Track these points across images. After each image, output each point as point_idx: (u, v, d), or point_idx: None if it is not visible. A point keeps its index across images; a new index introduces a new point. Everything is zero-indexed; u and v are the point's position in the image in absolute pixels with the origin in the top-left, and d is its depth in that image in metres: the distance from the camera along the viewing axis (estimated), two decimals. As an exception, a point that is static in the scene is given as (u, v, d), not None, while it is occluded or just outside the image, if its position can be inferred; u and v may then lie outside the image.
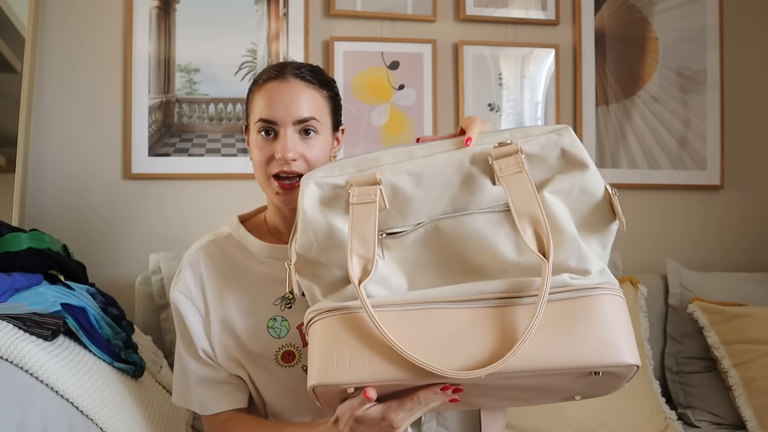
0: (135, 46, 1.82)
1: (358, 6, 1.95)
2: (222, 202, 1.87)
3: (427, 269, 0.82)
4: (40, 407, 0.92)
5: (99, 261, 1.79)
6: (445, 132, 1.99)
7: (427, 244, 0.82)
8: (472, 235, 0.80)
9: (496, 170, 0.80)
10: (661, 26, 2.12)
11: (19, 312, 1.06)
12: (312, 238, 0.82)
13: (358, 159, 0.86)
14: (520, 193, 0.78)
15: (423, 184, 0.82)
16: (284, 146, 0.96)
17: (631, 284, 1.81)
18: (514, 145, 0.81)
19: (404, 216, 0.83)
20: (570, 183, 0.81)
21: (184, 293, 1.03)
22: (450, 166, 0.83)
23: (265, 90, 0.99)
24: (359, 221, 0.80)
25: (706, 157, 2.13)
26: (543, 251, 0.76)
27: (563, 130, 0.84)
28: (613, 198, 0.82)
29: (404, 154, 0.84)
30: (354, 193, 0.82)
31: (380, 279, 0.80)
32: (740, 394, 1.64)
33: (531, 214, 0.78)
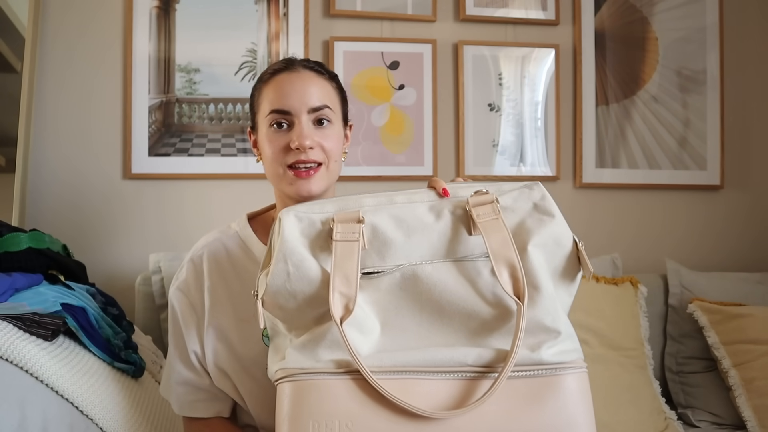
0: (135, 46, 1.82)
1: (358, 6, 1.95)
2: (222, 202, 1.87)
3: (401, 313, 0.81)
4: (40, 407, 0.92)
5: (99, 261, 1.79)
6: (445, 132, 2.00)
7: (402, 288, 0.81)
8: (450, 282, 0.80)
9: (473, 216, 0.82)
10: (661, 26, 2.12)
11: (19, 312, 1.06)
12: (288, 269, 0.80)
13: (339, 200, 0.87)
14: (496, 238, 0.81)
15: (404, 227, 0.83)
16: (301, 134, 0.95)
17: (631, 284, 1.81)
18: (491, 195, 0.85)
19: (382, 257, 0.82)
20: (545, 236, 0.84)
21: (183, 291, 1.02)
22: (430, 213, 0.84)
23: (274, 82, 0.98)
24: (342, 258, 0.79)
25: (706, 157, 2.13)
26: (518, 295, 0.78)
27: (534, 185, 0.89)
28: (580, 249, 0.85)
29: (385, 199, 0.86)
30: (337, 230, 0.81)
31: (354, 321, 0.79)
32: (740, 394, 1.64)
33: (507, 258, 0.80)
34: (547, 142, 2.05)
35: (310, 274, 0.80)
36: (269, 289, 0.81)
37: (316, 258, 0.81)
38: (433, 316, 0.81)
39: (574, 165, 2.08)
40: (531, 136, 2.04)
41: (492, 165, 2.02)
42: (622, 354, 1.69)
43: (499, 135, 2.02)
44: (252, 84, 1.87)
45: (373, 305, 0.81)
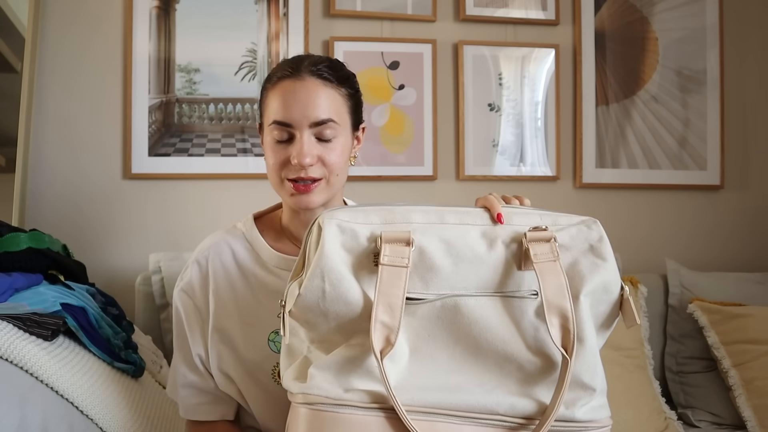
0: (135, 46, 1.82)
1: (358, 6, 1.95)
2: (222, 202, 1.87)
3: (433, 343, 0.76)
4: (40, 407, 0.92)
5: (99, 261, 1.79)
6: (445, 132, 2.00)
7: (440, 318, 0.76)
8: (492, 320, 0.75)
9: (531, 254, 0.76)
10: (661, 26, 2.12)
11: (19, 312, 1.06)
12: (324, 287, 0.74)
13: (384, 210, 0.79)
14: (552, 284, 0.75)
15: (453, 254, 0.76)
16: (300, 151, 0.91)
17: (631, 284, 1.81)
18: (550, 232, 0.78)
19: (426, 284, 0.76)
20: (596, 282, 0.79)
21: (188, 293, 1.00)
22: (482, 241, 0.78)
23: (279, 89, 0.94)
24: (388, 285, 0.73)
25: (706, 157, 2.13)
26: (566, 347, 0.74)
27: (593, 224, 0.82)
28: (626, 296, 0.80)
29: (434, 216, 0.79)
30: (385, 252, 0.74)
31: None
32: (740, 394, 1.64)
33: (560, 307, 0.75)
34: (547, 142, 2.05)
35: (348, 296, 0.74)
36: (299, 303, 0.75)
37: (357, 278, 0.75)
38: (467, 351, 0.76)
39: (574, 165, 2.08)
40: (531, 136, 2.04)
41: (492, 165, 2.02)
42: (622, 354, 1.69)
43: (499, 135, 2.02)
44: (252, 84, 1.88)
45: (405, 329, 0.75)
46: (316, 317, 0.75)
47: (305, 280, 0.75)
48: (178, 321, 1.01)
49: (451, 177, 2.00)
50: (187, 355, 1.01)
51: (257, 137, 1.89)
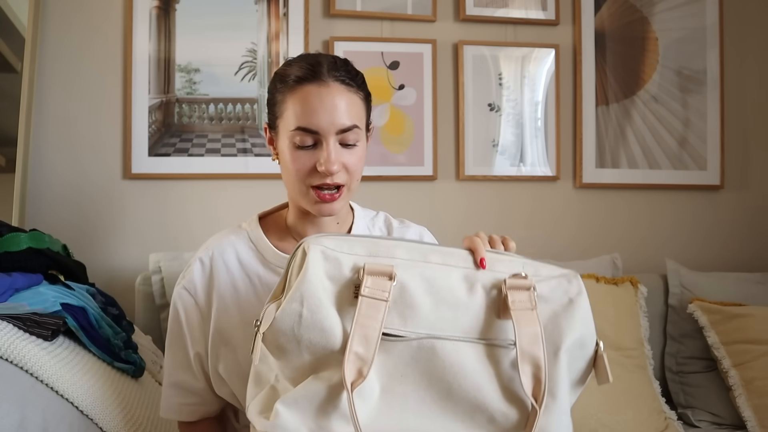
0: (135, 46, 1.82)
1: (358, 6, 1.95)
2: (222, 202, 1.87)
3: (405, 384, 0.75)
4: (40, 407, 0.92)
5: (99, 261, 1.79)
6: (445, 132, 2.00)
7: (415, 359, 0.75)
8: (467, 367, 0.74)
9: (509, 302, 0.76)
10: (661, 26, 2.12)
11: (19, 312, 1.06)
12: (302, 312, 0.73)
13: (369, 242, 0.80)
14: (528, 333, 0.75)
15: (433, 293, 0.76)
16: (328, 158, 0.90)
17: (631, 284, 1.81)
18: (530, 281, 0.78)
19: (404, 321, 0.75)
20: (575, 338, 0.79)
21: (190, 291, 0.99)
22: (463, 285, 0.78)
23: (302, 94, 0.91)
24: (366, 317, 0.72)
25: (706, 157, 2.13)
26: (536, 397, 0.74)
27: (573, 278, 0.83)
28: (601, 353, 0.81)
29: (418, 254, 0.79)
30: (367, 283, 0.74)
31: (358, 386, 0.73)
32: (740, 394, 1.64)
33: (534, 356, 0.75)
34: (547, 142, 2.05)
35: (325, 324, 0.73)
36: (274, 326, 0.74)
37: (336, 308, 0.75)
38: (439, 396, 0.75)
39: (574, 165, 2.08)
40: (531, 136, 2.04)
41: (492, 165, 2.02)
42: (622, 354, 1.69)
43: (499, 135, 2.02)
44: (252, 84, 1.88)
45: (378, 367, 0.74)
46: (288, 342, 0.74)
47: (284, 302, 0.74)
48: (176, 318, 1.00)
49: (451, 177, 2.00)
50: (179, 352, 1.00)
51: (257, 137, 1.89)
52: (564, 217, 2.07)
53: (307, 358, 0.74)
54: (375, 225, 1.09)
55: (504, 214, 2.03)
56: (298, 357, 0.74)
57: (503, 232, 2.12)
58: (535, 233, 2.05)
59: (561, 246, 2.05)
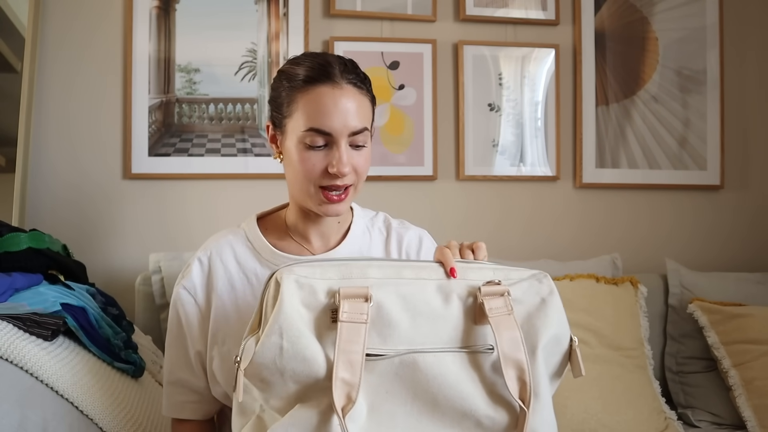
0: (135, 46, 1.82)
1: (358, 6, 1.95)
2: (222, 202, 1.87)
3: (392, 400, 0.76)
4: (40, 407, 0.92)
5: (99, 261, 1.79)
6: (445, 132, 2.00)
7: (398, 375, 0.75)
8: (450, 377, 0.75)
9: (486, 309, 0.77)
10: (661, 26, 2.12)
11: (19, 312, 1.06)
12: (282, 344, 0.73)
13: (341, 266, 0.80)
14: (508, 337, 0.77)
15: (410, 309, 0.77)
16: (341, 161, 0.91)
17: (631, 284, 1.81)
18: (504, 286, 0.80)
19: (384, 339, 0.76)
20: (550, 335, 0.81)
21: (189, 291, 1.00)
22: (438, 296, 0.80)
23: (315, 95, 0.91)
24: (347, 342, 0.73)
25: (706, 157, 2.13)
26: (523, 400, 0.76)
27: (543, 278, 0.85)
28: (575, 348, 0.83)
29: (391, 271, 0.80)
30: (344, 308, 0.74)
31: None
32: (740, 394, 1.64)
33: (516, 360, 0.77)
34: (547, 142, 2.05)
35: (306, 353, 0.73)
36: (255, 360, 0.73)
37: (316, 335, 0.75)
38: (425, 408, 0.76)
39: (574, 165, 2.08)
40: (531, 136, 2.04)
41: (492, 165, 2.02)
42: (622, 354, 1.69)
43: (499, 135, 2.02)
44: (252, 84, 1.88)
45: (363, 386, 0.75)
46: (272, 375, 0.74)
47: (263, 336, 0.74)
48: (176, 318, 1.01)
49: (451, 177, 2.00)
50: (179, 351, 1.01)
51: (257, 137, 1.89)
52: (564, 217, 2.07)
53: (293, 387, 0.75)
54: (374, 225, 1.09)
55: (504, 214, 2.03)
56: (283, 387, 0.75)
57: (503, 233, 2.14)
58: (535, 233, 2.05)
59: (561, 246, 2.05)
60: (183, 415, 1.02)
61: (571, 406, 1.56)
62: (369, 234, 1.08)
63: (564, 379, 0.88)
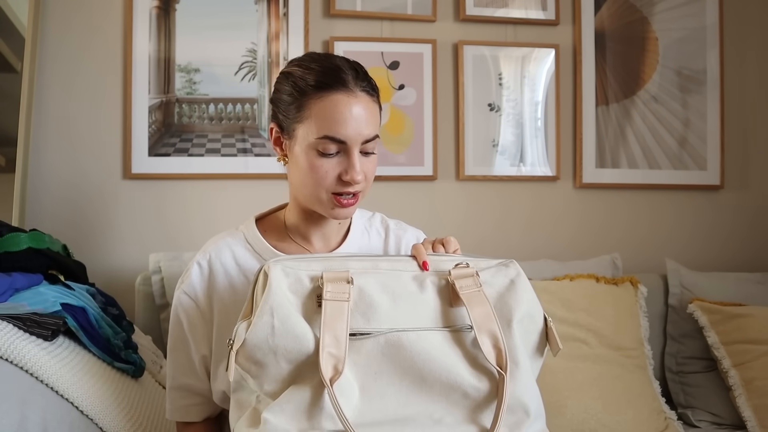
0: (135, 46, 1.82)
1: (358, 6, 1.95)
2: (222, 202, 1.87)
3: (381, 380, 0.80)
4: (40, 407, 0.92)
5: (99, 261, 1.79)
6: (445, 132, 2.00)
7: (385, 354, 0.80)
8: (433, 352, 0.80)
9: (456, 288, 0.84)
10: (661, 26, 2.12)
11: (19, 312, 1.06)
12: (273, 323, 0.78)
13: (324, 259, 0.87)
14: (479, 311, 0.83)
15: (389, 292, 0.84)
16: (355, 168, 0.92)
17: (631, 284, 1.81)
18: (472, 269, 0.87)
19: (367, 319, 0.81)
20: (523, 312, 0.87)
21: (190, 295, 0.99)
22: (414, 283, 0.86)
23: (330, 102, 0.91)
24: (331, 318, 0.79)
25: (706, 157, 2.13)
26: (501, 366, 0.81)
27: (510, 263, 0.92)
28: (550, 326, 0.88)
29: (370, 264, 0.87)
30: (327, 288, 0.81)
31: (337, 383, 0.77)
32: (740, 394, 1.64)
33: (490, 329, 0.82)
34: (547, 142, 2.05)
35: (297, 330, 0.79)
36: (248, 342, 0.78)
37: (303, 317, 0.81)
38: (414, 384, 0.80)
39: (574, 165, 2.08)
40: (531, 136, 2.04)
41: (492, 165, 2.02)
42: (622, 354, 1.69)
43: (499, 135, 2.02)
44: (252, 84, 1.88)
45: (353, 367, 0.80)
46: (265, 356, 0.78)
47: (254, 317, 0.79)
48: (177, 323, 1.00)
49: (451, 177, 2.00)
50: (182, 357, 1.00)
51: (257, 137, 1.89)
52: (564, 217, 2.07)
53: (285, 367, 0.79)
54: (372, 226, 1.10)
55: (504, 214, 2.03)
56: (276, 368, 0.79)
57: (503, 233, 2.14)
58: (535, 233, 2.05)
59: (561, 246, 2.05)
60: (188, 418, 1.02)
61: (571, 406, 1.56)
62: (368, 234, 1.08)
63: (563, 379, 0.89)
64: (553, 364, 1.59)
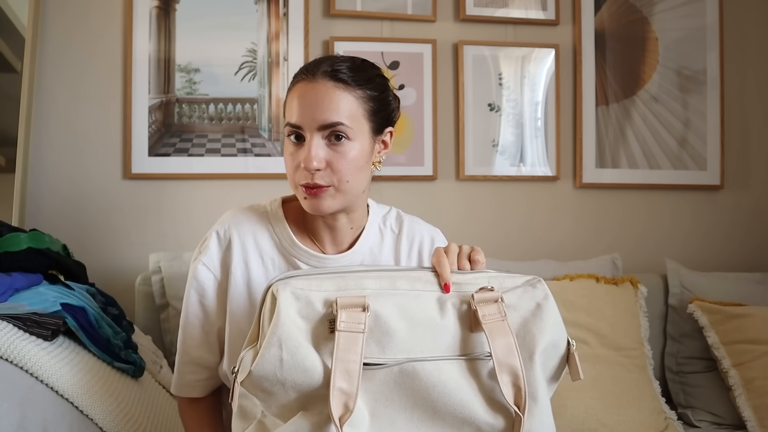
0: (135, 46, 1.82)
1: (358, 6, 1.95)
2: (222, 202, 1.87)
3: (392, 408, 0.77)
4: (40, 407, 0.92)
5: (99, 261, 1.79)
6: (445, 132, 2.00)
7: (398, 383, 0.77)
8: (449, 384, 0.76)
9: (479, 316, 0.78)
10: (661, 26, 2.12)
11: (19, 312, 1.06)
12: (282, 356, 0.74)
13: (338, 278, 0.81)
14: (502, 343, 0.78)
15: (407, 318, 0.78)
16: (307, 155, 0.89)
17: (631, 284, 1.81)
18: (497, 293, 0.81)
19: (382, 348, 0.77)
20: (547, 340, 0.81)
21: (208, 266, 0.98)
22: (435, 306, 0.81)
23: (296, 91, 0.92)
24: (345, 351, 0.74)
25: (706, 157, 2.13)
26: (519, 405, 0.76)
27: (537, 283, 0.85)
28: (573, 351, 0.83)
29: (387, 283, 0.81)
30: (342, 318, 0.75)
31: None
32: (740, 394, 1.64)
33: (511, 365, 0.77)
34: (547, 142, 2.05)
35: (306, 363, 0.74)
36: (255, 373, 0.74)
37: (314, 345, 0.76)
38: (425, 415, 0.77)
39: (574, 165, 2.08)
40: (531, 136, 2.04)
41: (492, 165, 2.02)
42: (622, 354, 1.69)
43: (499, 135, 2.02)
44: (252, 84, 1.88)
45: (364, 394, 0.76)
46: (273, 386, 0.75)
47: (261, 348, 0.75)
48: (194, 297, 0.99)
49: (451, 177, 2.00)
50: (195, 331, 0.99)
51: (257, 137, 1.89)
52: (564, 217, 2.07)
53: (294, 396, 0.75)
54: (386, 224, 1.09)
55: (504, 214, 2.03)
56: (284, 396, 0.75)
57: (503, 232, 2.13)
58: (535, 233, 2.05)
59: (561, 246, 2.05)
60: (193, 394, 1.02)
61: (571, 406, 1.56)
62: (381, 234, 1.07)
63: (563, 379, 0.88)
64: (553, 364, 1.59)
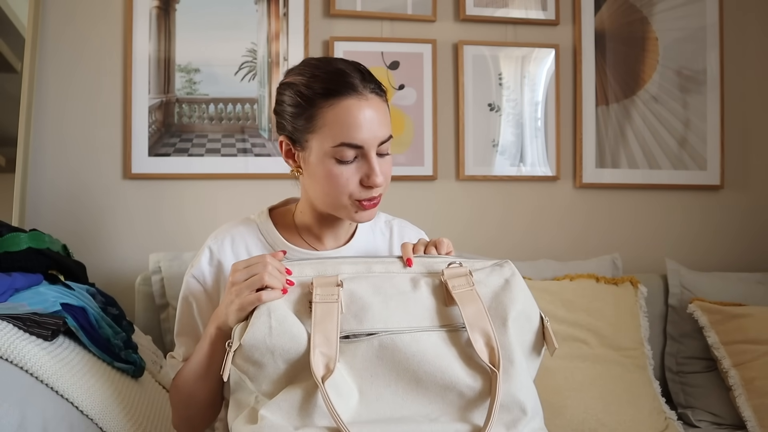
0: (135, 46, 1.82)
1: (358, 6, 1.95)
2: (222, 202, 1.87)
3: (377, 383, 0.81)
4: (40, 407, 0.92)
5: (99, 261, 1.79)
6: (445, 132, 2.00)
7: (380, 357, 0.81)
8: (428, 353, 0.81)
9: (449, 287, 0.85)
10: (661, 26, 2.12)
11: (19, 312, 1.06)
12: (270, 323, 0.81)
13: (317, 264, 0.88)
14: (472, 309, 0.84)
15: (381, 293, 0.85)
16: (375, 172, 0.91)
17: (631, 284, 1.81)
18: (465, 268, 0.88)
19: (360, 321, 0.83)
20: (518, 310, 0.87)
21: (198, 279, 1.00)
22: (408, 283, 0.87)
23: (343, 108, 0.89)
24: (321, 320, 0.81)
25: (706, 157, 2.13)
26: (494, 364, 0.81)
27: (504, 263, 0.92)
28: (546, 325, 0.88)
29: (363, 268, 0.89)
30: (317, 292, 0.83)
31: (333, 383, 0.78)
32: (740, 394, 1.64)
33: (482, 327, 0.83)
34: (547, 142, 2.05)
35: (294, 330, 0.81)
36: (246, 342, 0.80)
37: (298, 318, 0.83)
38: (410, 386, 0.81)
39: (574, 165, 2.08)
40: (531, 136, 2.04)
41: (492, 165, 2.02)
42: (622, 354, 1.69)
43: (499, 135, 2.02)
44: (252, 84, 1.88)
45: (350, 371, 0.81)
46: (263, 356, 0.80)
47: (252, 318, 0.82)
48: (186, 307, 1.01)
49: (451, 177, 2.00)
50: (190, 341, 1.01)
51: (257, 137, 1.89)
52: (564, 217, 2.07)
53: (282, 367, 0.81)
54: (376, 225, 1.11)
55: (504, 214, 2.03)
56: (273, 367, 0.81)
57: (503, 233, 2.13)
58: (535, 233, 2.05)
59: (561, 246, 2.05)
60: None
61: (571, 406, 1.56)
62: (372, 234, 1.09)
63: (563, 379, 0.89)
64: (553, 364, 1.59)
